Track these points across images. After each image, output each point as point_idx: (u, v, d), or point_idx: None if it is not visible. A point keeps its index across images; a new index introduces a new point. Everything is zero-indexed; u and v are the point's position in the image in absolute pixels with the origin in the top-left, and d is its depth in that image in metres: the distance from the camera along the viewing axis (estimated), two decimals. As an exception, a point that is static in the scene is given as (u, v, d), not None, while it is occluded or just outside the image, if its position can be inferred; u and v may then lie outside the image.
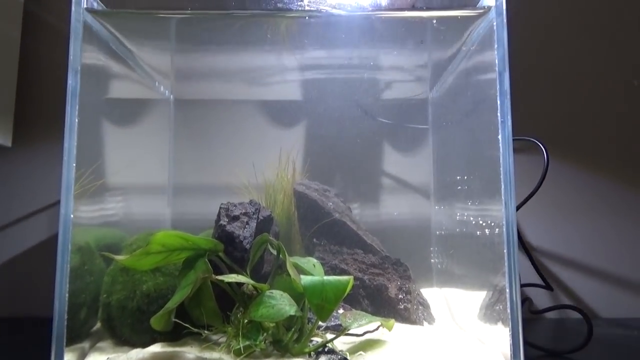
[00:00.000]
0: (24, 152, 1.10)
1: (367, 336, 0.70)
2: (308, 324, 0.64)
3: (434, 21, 0.77)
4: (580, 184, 1.12)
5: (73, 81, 0.62)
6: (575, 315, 0.82)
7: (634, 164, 1.13)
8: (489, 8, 0.66)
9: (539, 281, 0.95)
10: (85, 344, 0.66)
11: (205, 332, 0.63)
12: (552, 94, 1.14)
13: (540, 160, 0.88)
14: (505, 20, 0.63)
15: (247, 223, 0.71)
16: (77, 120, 0.62)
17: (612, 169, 1.13)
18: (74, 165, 0.60)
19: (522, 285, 1.01)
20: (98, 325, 0.71)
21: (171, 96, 1.08)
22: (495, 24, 0.64)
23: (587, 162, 1.13)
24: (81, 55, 0.64)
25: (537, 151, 0.91)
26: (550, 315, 1.07)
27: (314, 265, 0.74)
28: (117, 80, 0.85)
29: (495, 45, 0.63)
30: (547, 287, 0.93)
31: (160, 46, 0.93)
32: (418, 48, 0.89)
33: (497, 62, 0.63)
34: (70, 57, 0.63)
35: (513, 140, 0.62)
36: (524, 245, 0.91)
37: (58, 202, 0.60)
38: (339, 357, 0.57)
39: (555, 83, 1.15)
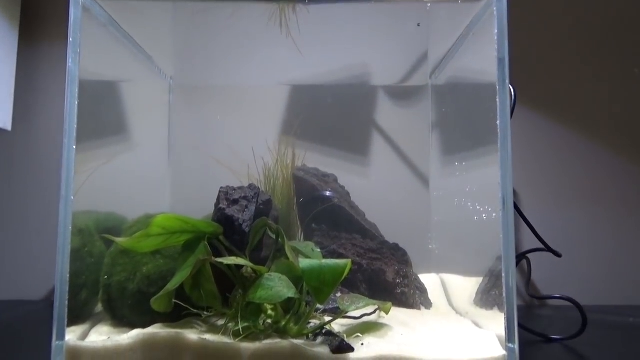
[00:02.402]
0: (23, 136, 1.10)
1: (365, 319, 0.70)
2: (306, 306, 0.65)
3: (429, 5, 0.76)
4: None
5: (72, 65, 0.62)
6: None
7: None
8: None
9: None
10: (87, 325, 0.67)
11: (205, 313, 0.64)
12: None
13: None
14: (505, 5, 0.63)
15: (247, 207, 0.71)
16: (77, 103, 0.62)
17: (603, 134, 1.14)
18: (74, 147, 0.60)
19: (529, 251, 1.00)
20: (99, 307, 0.72)
21: (170, 80, 1.07)
22: (495, 9, 0.63)
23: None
24: (81, 37, 0.63)
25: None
26: (547, 300, 1.09)
27: (313, 250, 0.75)
28: (116, 64, 0.85)
29: (496, 31, 0.63)
30: (554, 252, 0.92)
31: (160, 29, 0.93)
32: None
33: (497, 48, 0.63)
34: (70, 40, 0.63)
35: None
36: (523, 216, 0.90)
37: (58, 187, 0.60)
38: (337, 339, 0.58)
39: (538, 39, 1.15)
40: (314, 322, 0.66)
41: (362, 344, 0.59)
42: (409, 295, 0.83)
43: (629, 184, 1.13)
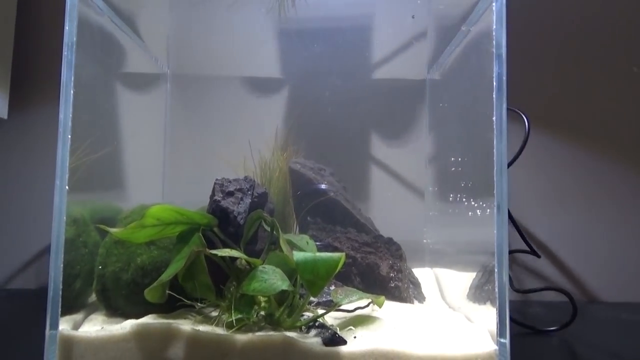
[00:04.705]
0: (19, 124, 1.10)
1: (358, 312, 0.71)
2: (300, 299, 0.65)
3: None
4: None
5: (69, 53, 0.62)
6: (562, 296, 0.83)
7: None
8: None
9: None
10: (80, 315, 0.67)
11: (199, 304, 0.64)
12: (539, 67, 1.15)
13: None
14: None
15: (242, 199, 0.71)
16: (72, 92, 0.61)
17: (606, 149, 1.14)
18: (69, 137, 0.60)
19: (509, 252, 1.01)
20: (93, 297, 0.72)
21: (168, 70, 1.07)
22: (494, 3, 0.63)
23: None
24: (77, 26, 0.63)
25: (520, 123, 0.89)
26: (537, 295, 1.09)
27: (307, 243, 0.75)
28: (113, 53, 0.84)
29: (494, 26, 0.62)
30: (534, 253, 0.93)
31: (157, 19, 0.92)
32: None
33: (494, 43, 0.62)
34: (66, 28, 0.62)
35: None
36: (510, 217, 0.91)
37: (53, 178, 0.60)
38: (329, 331, 0.58)
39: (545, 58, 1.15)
40: (307, 315, 0.66)
41: (355, 337, 0.59)
42: (402, 289, 0.83)
43: (624, 183, 1.13)
